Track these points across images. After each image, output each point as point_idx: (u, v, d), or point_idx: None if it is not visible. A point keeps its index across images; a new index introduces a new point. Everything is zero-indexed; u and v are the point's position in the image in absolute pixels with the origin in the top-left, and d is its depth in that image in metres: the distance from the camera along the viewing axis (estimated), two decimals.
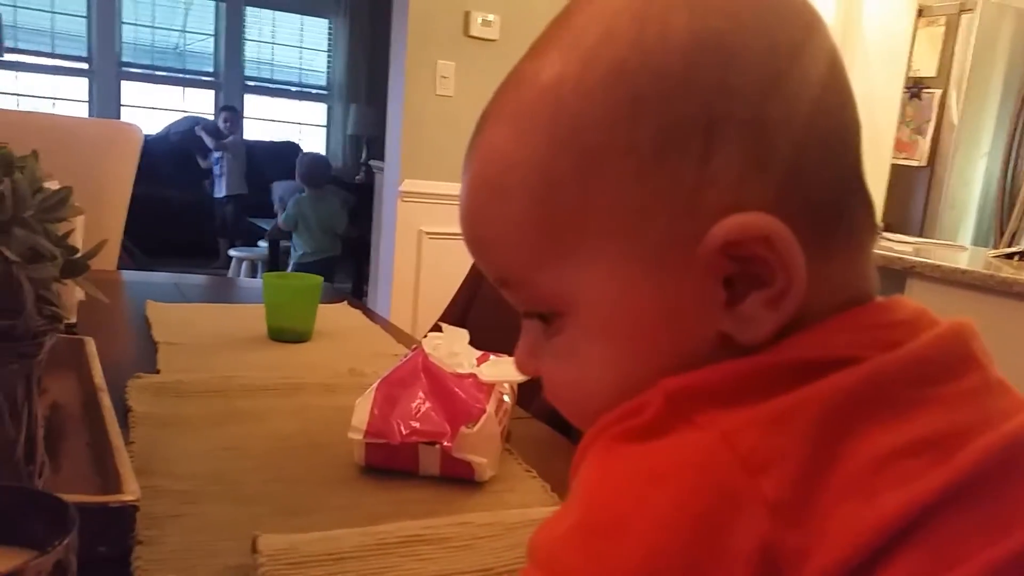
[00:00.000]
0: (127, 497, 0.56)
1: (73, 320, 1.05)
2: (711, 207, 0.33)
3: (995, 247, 2.96)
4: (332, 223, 4.59)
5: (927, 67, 3.43)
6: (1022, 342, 1.74)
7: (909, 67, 3.48)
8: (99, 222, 1.58)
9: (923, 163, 3.46)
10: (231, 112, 5.94)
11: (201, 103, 6.61)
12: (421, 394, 0.76)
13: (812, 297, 0.34)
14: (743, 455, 0.30)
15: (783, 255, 0.33)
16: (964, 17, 3.23)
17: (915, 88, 3.47)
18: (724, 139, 0.33)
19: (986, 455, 0.31)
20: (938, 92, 3.39)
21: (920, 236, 3.14)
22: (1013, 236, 3.10)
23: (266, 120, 6.91)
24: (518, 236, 0.37)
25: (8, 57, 5.54)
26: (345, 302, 1.44)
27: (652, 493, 0.31)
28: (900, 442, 0.31)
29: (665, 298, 0.35)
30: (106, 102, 6.16)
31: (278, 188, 5.22)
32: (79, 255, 0.61)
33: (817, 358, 0.33)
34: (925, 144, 3.45)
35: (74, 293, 1.05)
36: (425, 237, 3.02)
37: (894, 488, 0.30)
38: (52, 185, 0.64)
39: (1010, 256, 2.25)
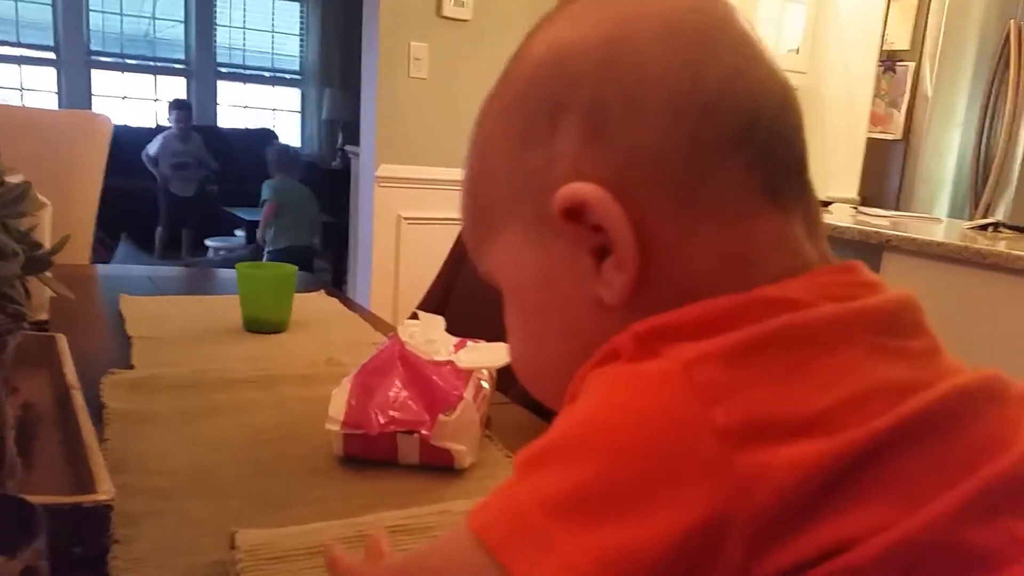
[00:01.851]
0: (101, 497, 0.55)
1: (45, 317, 1.04)
2: (558, 181, 0.39)
3: (970, 219, 2.98)
4: (309, 212, 4.56)
5: (900, 40, 3.44)
6: (996, 312, 1.76)
7: (883, 40, 3.49)
8: (69, 215, 1.55)
9: (898, 136, 3.47)
10: (182, 111, 5.57)
11: (173, 90, 6.52)
12: (398, 383, 0.75)
13: (695, 261, 0.37)
14: (700, 385, 0.32)
15: (604, 219, 0.37)
16: None
17: (889, 62, 3.48)
18: (566, 121, 0.39)
19: (937, 401, 0.34)
20: (912, 65, 3.40)
21: (896, 209, 3.16)
22: (988, 207, 3.13)
23: (239, 107, 6.84)
24: (466, 221, 0.47)
25: None
26: (322, 291, 1.43)
27: (614, 417, 0.34)
28: (859, 379, 0.34)
29: (547, 267, 0.41)
30: (75, 92, 6.06)
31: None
32: (42, 251, 0.60)
33: (781, 297, 0.36)
34: (900, 117, 3.47)
35: (45, 290, 1.04)
36: (404, 222, 3.01)
37: (846, 422, 0.32)
38: (14, 178, 0.63)
39: (984, 227, 2.27)
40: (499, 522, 0.34)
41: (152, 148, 5.44)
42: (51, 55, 6.01)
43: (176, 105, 5.59)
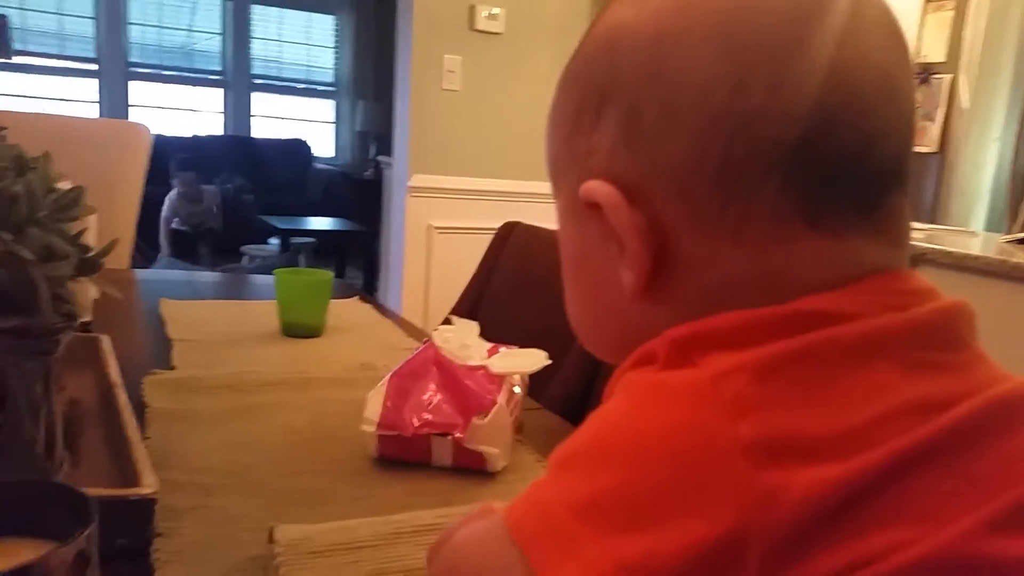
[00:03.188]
0: (146, 490, 0.57)
1: (88, 319, 1.06)
2: (592, 171, 0.40)
3: (1007, 232, 2.94)
4: None
5: (936, 52, 3.40)
6: None
7: (918, 52, 3.45)
8: (111, 222, 1.59)
9: (934, 149, 3.44)
10: (187, 173, 5.28)
11: (209, 102, 6.63)
12: (432, 386, 0.77)
13: (720, 275, 0.37)
14: (727, 400, 0.32)
15: (615, 223, 0.39)
16: (973, 0, 3.21)
17: (924, 74, 3.45)
18: (608, 115, 0.39)
19: (967, 416, 0.33)
20: (947, 77, 3.36)
21: (931, 223, 3.12)
22: None
23: (274, 118, 6.93)
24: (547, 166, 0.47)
25: (17, 60, 5.57)
26: (357, 297, 1.45)
27: (643, 426, 0.34)
28: (890, 396, 0.33)
29: (583, 241, 0.42)
30: (115, 102, 6.19)
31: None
32: (92, 253, 0.62)
33: (820, 310, 0.35)
34: (935, 130, 3.43)
35: (88, 292, 1.06)
36: (435, 232, 3.03)
37: (870, 442, 0.32)
38: (64, 185, 0.65)
39: (1022, 241, 2.24)
40: (530, 519, 0.35)
41: (165, 211, 5.24)
42: (93, 66, 6.14)
43: (181, 166, 5.34)
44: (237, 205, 5.72)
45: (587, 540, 0.32)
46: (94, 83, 6.18)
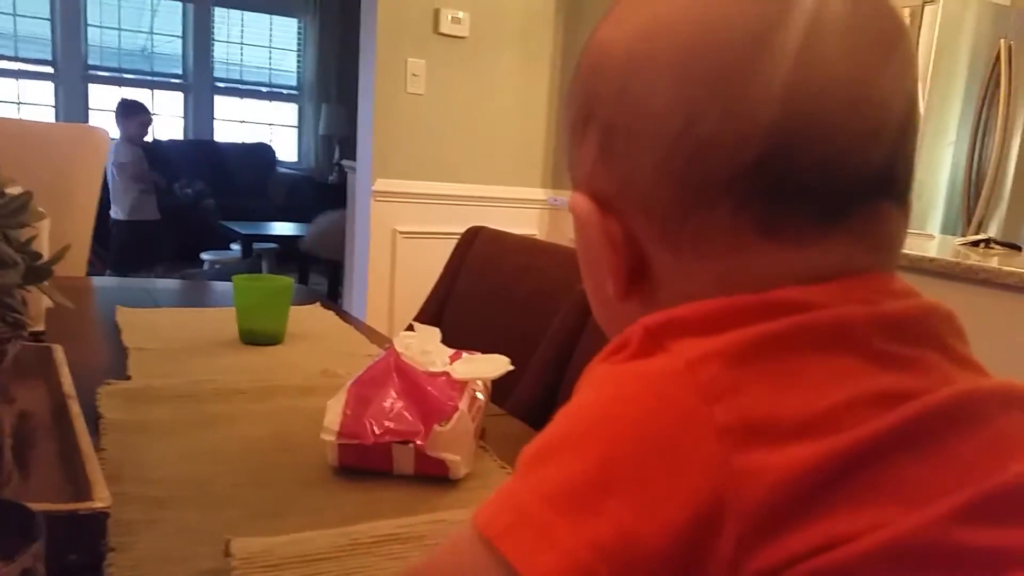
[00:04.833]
0: (97, 504, 0.56)
1: (41, 328, 1.04)
2: (578, 183, 0.43)
3: (963, 235, 3.00)
4: None
5: None
6: (988, 328, 1.77)
7: None
8: (67, 228, 1.56)
9: None
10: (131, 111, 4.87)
11: (170, 105, 6.54)
12: (393, 393, 0.76)
13: (691, 283, 0.39)
14: (702, 383, 0.33)
15: (589, 230, 0.41)
16: (928, 9, 3.27)
17: None
18: (591, 132, 0.42)
19: (936, 406, 0.34)
20: None
21: None
22: (980, 224, 3.15)
23: (236, 121, 6.86)
24: None
25: None
26: (318, 303, 1.44)
27: (615, 411, 0.34)
28: (855, 384, 0.34)
29: (586, 237, 0.43)
30: (73, 106, 6.07)
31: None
32: (42, 261, 0.60)
33: (788, 299, 0.36)
34: None
35: (42, 301, 1.04)
36: (399, 236, 3.01)
37: (839, 426, 0.33)
38: (14, 190, 0.63)
39: (977, 244, 2.28)
40: (500, 515, 0.34)
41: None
42: (49, 69, 6.02)
43: (125, 112, 4.92)
44: (198, 210, 5.64)
45: (561, 526, 0.32)
46: (50, 86, 6.05)
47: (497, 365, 0.82)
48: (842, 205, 0.37)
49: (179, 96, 6.61)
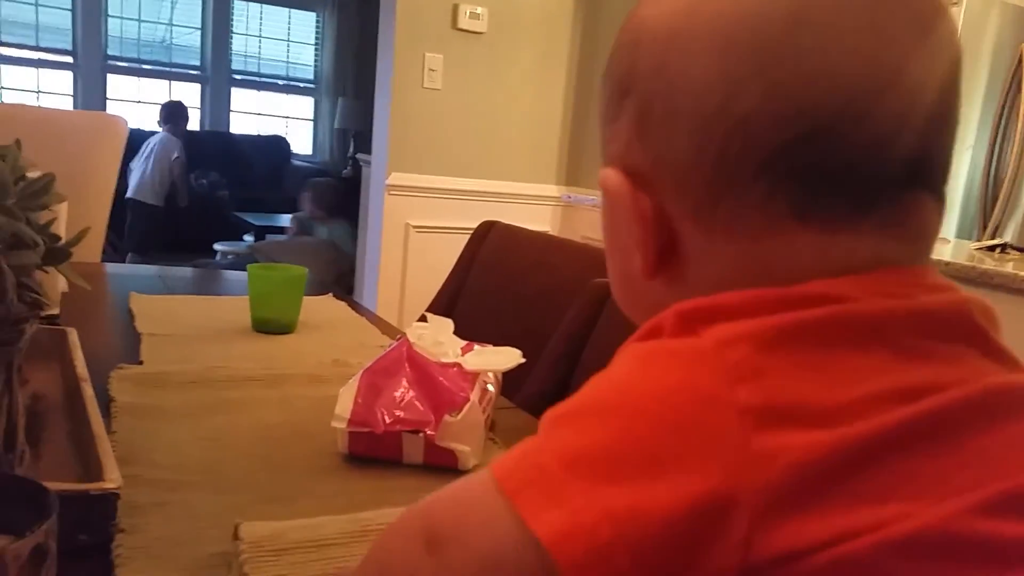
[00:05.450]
0: (108, 485, 0.56)
1: (56, 311, 1.05)
2: (611, 158, 0.43)
3: (979, 240, 2.98)
4: None
5: None
6: (1004, 333, 1.76)
7: None
8: (83, 214, 1.57)
9: None
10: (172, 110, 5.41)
11: (187, 97, 6.56)
12: (405, 383, 0.76)
13: (720, 265, 0.39)
14: (729, 364, 0.33)
15: (621, 208, 0.41)
16: (950, 10, 3.25)
17: None
18: (627, 107, 0.41)
19: (960, 401, 0.34)
20: None
21: None
22: (996, 229, 3.12)
23: (252, 114, 6.88)
24: None
25: None
26: (330, 294, 1.44)
27: (642, 385, 0.35)
28: (882, 378, 0.34)
29: (613, 215, 0.43)
30: (91, 96, 6.11)
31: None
32: (61, 243, 0.61)
33: (822, 292, 0.36)
34: None
35: (57, 284, 1.05)
36: (412, 230, 3.02)
37: (861, 417, 0.32)
38: (35, 174, 0.64)
39: (992, 248, 2.27)
40: (518, 470, 0.35)
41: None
42: (68, 59, 6.06)
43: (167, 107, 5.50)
44: (212, 201, 5.66)
45: (575, 489, 0.32)
46: (69, 76, 6.09)
47: (509, 358, 0.82)
48: (873, 193, 0.37)
49: (196, 88, 6.63)
